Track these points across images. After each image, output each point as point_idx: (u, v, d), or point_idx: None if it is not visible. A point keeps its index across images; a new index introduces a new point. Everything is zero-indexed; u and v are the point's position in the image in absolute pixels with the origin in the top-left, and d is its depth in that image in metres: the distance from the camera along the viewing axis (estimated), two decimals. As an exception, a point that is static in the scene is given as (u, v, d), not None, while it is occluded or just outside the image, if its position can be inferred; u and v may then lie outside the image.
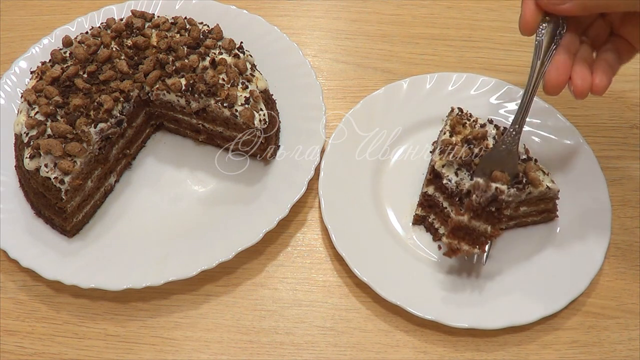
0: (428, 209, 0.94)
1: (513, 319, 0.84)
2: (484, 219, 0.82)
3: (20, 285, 0.91)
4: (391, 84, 1.05)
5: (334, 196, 0.94)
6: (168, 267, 0.87)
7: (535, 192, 0.85)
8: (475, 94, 1.04)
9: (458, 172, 0.87)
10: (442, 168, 0.88)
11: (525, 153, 0.89)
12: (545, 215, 0.92)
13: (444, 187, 0.88)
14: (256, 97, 0.92)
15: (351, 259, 0.88)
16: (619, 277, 0.91)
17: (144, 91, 0.95)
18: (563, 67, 0.77)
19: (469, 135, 0.89)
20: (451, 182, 0.87)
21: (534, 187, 0.85)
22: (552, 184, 0.86)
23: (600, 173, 0.95)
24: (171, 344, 0.87)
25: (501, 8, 1.22)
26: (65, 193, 0.86)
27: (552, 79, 0.76)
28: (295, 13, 1.22)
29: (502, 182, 0.80)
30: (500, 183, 0.80)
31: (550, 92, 0.77)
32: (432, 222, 0.93)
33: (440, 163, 0.88)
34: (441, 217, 0.92)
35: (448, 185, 0.87)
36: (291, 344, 0.87)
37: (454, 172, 0.87)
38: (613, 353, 0.85)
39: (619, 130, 1.06)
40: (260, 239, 0.89)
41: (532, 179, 0.85)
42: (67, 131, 0.86)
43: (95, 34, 0.97)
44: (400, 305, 0.84)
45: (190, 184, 0.99)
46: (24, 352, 0.86)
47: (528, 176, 0.85)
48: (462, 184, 0.86)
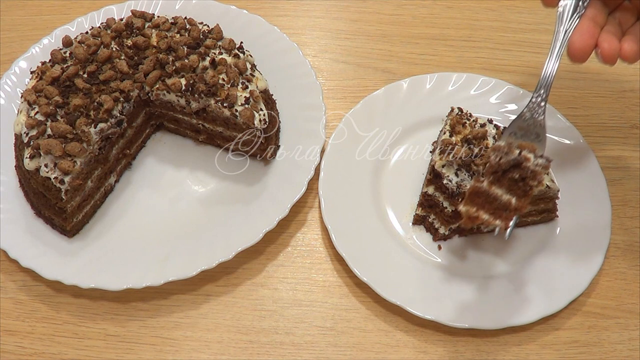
0: (428, 209, 0.94)
1: (513, 319, 0.84)
2: (506, 186, 0.75)
3: (20, 285, 0.91)
4: (391, 84, 1.05)
5: (334, 196, 0.94)
6: (168, 267, 0.87)
7: (534, 192, 0.85)
8: (475, 94, 1.05)
9: (458, 173, 0.87)
10: (442, 168, 0.88)
11: None
12: (545, 215, 0.92)
13: (444, 187, 0.88)
14: (256, 97, 0.92)
15: (351, 259, 0.88)
16: (619, 277, 0.91)
17: (144, 91, 0.95)
18: (588, 32, 0.74)
19: (469, 135, 0.89)
20: (452, 183, 0.87)
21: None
22: (552, 183, 0.86)
23: (600, 173, 0.95)
24: (171, 344, 0.87)
25: (501, 8, 1.22)
26: (65, 193, 0.86)
27: (576, 42, 0.73)
28: (295, 13, 1.22)
29: (529, 151, 0.75)
30: (527, 151, 0.75)
31: (574, 56, 0.74)
32: (432, 222, 0.93)
33: (440, 163, 0.88)
34: (441, 217, 0.92)
35: (448, 185, 0.87)
36: (291, 344, 0.87)
37: (454, 172, 0.87)
38: (613, 353, 0.85)
39: (619, 130, 1.06)
40: (260, 239, 0.89)
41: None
42: (67, 131, 0.86)
43: (95, 34, 0.97)
44: (401, 305, 0.84)
45: (190, 184, 0.99)
46: (24, 352, 0.86)
47: None
48: (462, 184, 0.86)
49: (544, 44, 1.17)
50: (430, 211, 0.93)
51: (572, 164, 0.97)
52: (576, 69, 1.13)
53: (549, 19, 1.20)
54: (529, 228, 0.93)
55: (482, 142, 0.88)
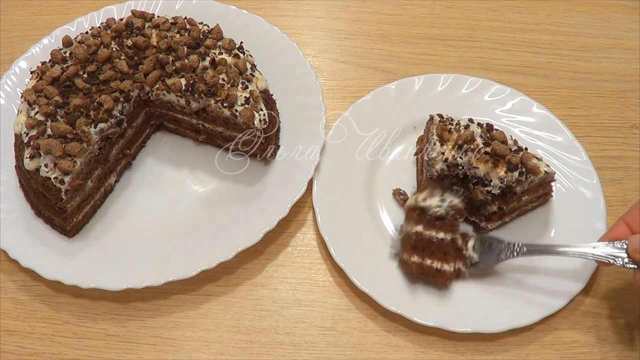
0: (421, 252, 0.87)
1: (514, 321, 0.84)
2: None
3: (20, 285, 0.91)
4: (403, 80, 1.05)
5: (329, 208, 0.93)
6: (168, 267, 0.87)
7: (536, 180, 0.86)
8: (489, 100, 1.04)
9: (445, 197, 0.88)
10: (424, 202, 0.87)
11: (514, 144, 0.89)
12: (543, 198, 0.93)
13: (432, 220, 0.87)
14: (256, 97, 0.92)
15: (350, 269, 0.87)
16: (618, 277, 0.91)
17: (144, 91, 0.95)
18: None
19: (459, 140, 0.88)
20: (444, 203, 0.87)
21: (534, 175, 0.85)
22: (547, 168, 0.87)
23: (593, 170, 0.96)
24: (171, 344, 0.87)
25: (501, 8, 1.22)
26: (65, 193, 0.86)
27: None
28: (295, 13, 1.22)
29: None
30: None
31: None
32: (432, 265, 0.87)
33: (421, 197, 0.87)
34: (439, 255, 0.86)
35: (438, 211, 0.87)
36: (291, 344, 0.87)
37: (439, 199, 0.87)
38: (613, 353, 0.85)
39: (619, 130, 1.06)
40: (260, 239, 0.89)
41: (532, 167, 0.85)
42: (67, 131, 0.86)
43: (95, 34, 0.97)
44: (402, 314, 0.84)
45: (190, 184, 0.99)
46: (24, 352, 0.86)
47: (527, 165, 0.85)
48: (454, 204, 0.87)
49: (544, 44, 1.17)
50: (424, 254, 0.87)
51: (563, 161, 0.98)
52: (576, 69, 1.13)
53: (549, 19, 1.20)
54: (525, 231, 0.93)
55: (473, 143, 0.87)
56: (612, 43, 1.16)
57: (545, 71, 1.13)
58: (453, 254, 0.86)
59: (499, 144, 0.86)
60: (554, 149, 0.99)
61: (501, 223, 0.92)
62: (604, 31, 1.18)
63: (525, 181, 0.85)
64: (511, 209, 0.90)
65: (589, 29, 1.19)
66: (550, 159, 0.97)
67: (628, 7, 1.22)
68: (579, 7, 1.22)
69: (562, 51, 1.16)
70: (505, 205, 0.88)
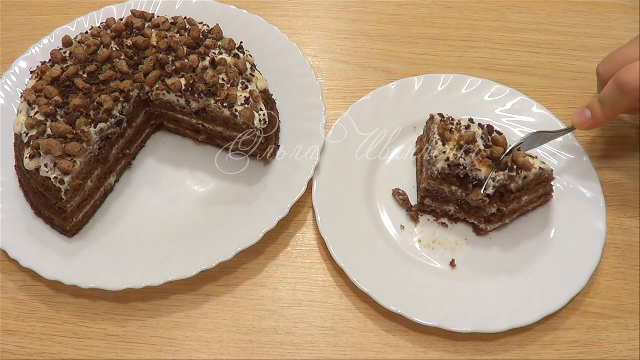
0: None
1: (514, 321, 0.84)
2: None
3: (20, 285, 0.91)
4: (404, 80, 1.05)
5: (329, 208, 0.93)
6: (168, 267, 0.87)
7: (531, 176, 0.86)
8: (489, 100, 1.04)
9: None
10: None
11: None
12: (543, 198, 0.93)
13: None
14: (256, 97, 0.92)
15: (350, 270, 0.87)
16: (618, 277, 0.91)
17: (144, 91, 0.95)
18: None
19: (461, 141, 0.88)
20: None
21: (526, 170, 0.85)
22: (543, 165, 0.87)
23: (593, 170, 0.96)
24: (171, 344, 0.87)
25: (501, 8, 1.22)
26: (65, 193, 0.86)
27: None
28: (295, 13, 1.22)
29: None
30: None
31: None
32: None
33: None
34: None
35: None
36: (291, 344, 0.87)
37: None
38: (613, 353, 0.85)
39: (619, 130, 1.06)
40: (260, 239, 0.89)
41: (523, 163, 0.85)
42: (67, 131, 0.86)
43: (95, 34, 0.97)
44: (402, 314, 0.84)
45: (190, 184, 0.99)
46: (24, 352, 0.86)
47: (517, 162, 0.85)
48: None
49: (544, 44, 1.17)
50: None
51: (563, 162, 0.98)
52: (576, 69, 1.13)
53: (549, 19, 1.20)
54: (526, 232, 0.93)
55: (474, 145, 0.87)
56: (612, 43, 1.16)
57: (545, 71, 1.13)
58: None
59: (498, 149, 0.86)
60: (554, 149, 0.99)
61: (502, 224, 0.92)
62: (604, 31, 1.18)
63: (518, 177, 0.85)
64: (512, 210, 0.90)
65: (589, 29, 1.19)
66: (550, 159, 0.97)
67: (628, 7, 1.22)
68: (579, 7, 1.22)
69: (562, 51, 1.16)
70: (505, 207, 0.88)
